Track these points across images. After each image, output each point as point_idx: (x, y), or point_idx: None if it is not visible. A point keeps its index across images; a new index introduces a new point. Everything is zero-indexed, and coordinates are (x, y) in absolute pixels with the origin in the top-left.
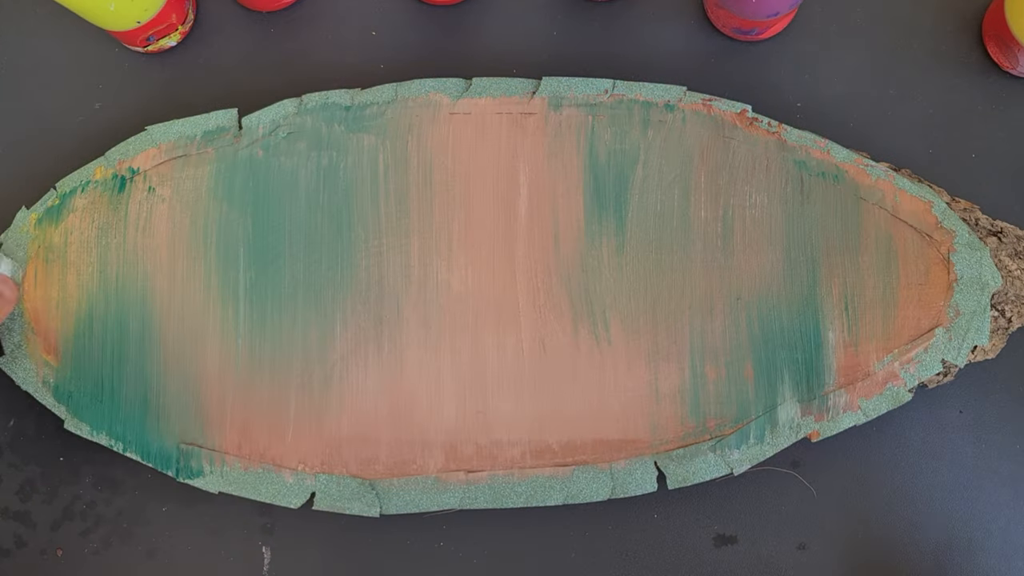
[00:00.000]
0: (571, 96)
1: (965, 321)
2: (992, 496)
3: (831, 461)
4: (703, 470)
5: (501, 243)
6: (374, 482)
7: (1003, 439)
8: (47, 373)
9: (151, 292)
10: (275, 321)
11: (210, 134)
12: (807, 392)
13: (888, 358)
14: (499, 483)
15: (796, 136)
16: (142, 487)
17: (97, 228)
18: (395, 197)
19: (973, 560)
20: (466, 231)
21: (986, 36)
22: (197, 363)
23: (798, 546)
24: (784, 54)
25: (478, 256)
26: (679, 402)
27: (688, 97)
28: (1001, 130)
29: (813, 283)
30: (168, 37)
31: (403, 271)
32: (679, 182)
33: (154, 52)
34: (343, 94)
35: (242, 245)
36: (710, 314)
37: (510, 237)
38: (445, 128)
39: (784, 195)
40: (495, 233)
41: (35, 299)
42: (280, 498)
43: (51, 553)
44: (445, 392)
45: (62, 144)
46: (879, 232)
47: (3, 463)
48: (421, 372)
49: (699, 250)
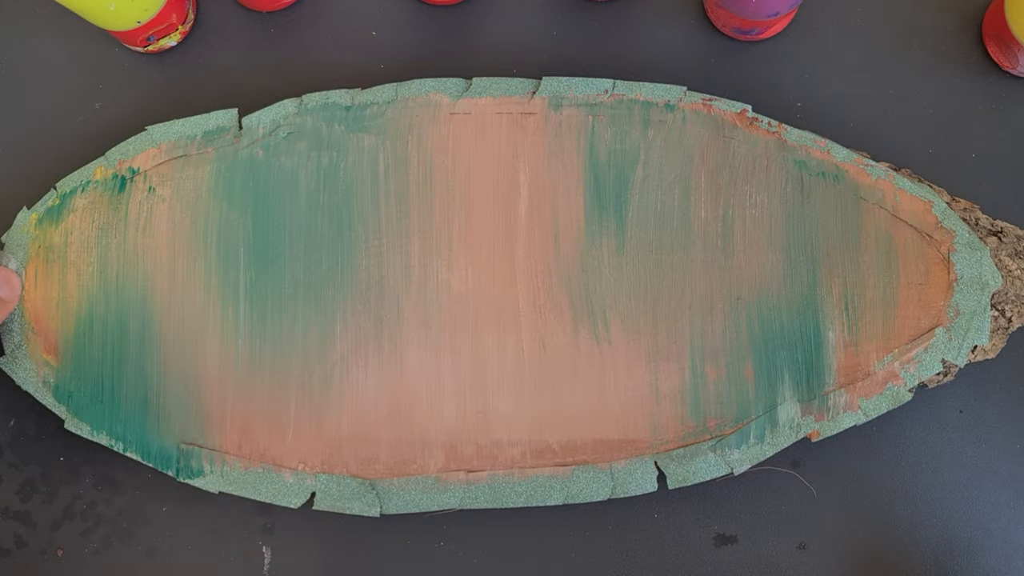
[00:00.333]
0: (571, 96)
1: (965, 321)
2: (992, 496)
3: (831, 461)
4: (703, 470)
5: (501, 243)
6: (374, 482)
7: (1003, 439)
8: (47, 373)
9: (151, 292)
10: (275, 321)
11: (210, 134)
12: (807, 392)
13: (888, 358)
14: (499, 483)
15: (796, 136)
16: (142, 487)
17: (97, 228)
18: (395, 197)
19: (973, 560)
20: (466, 231)
21: (986, 36)
22: (197, 363)
23: (798, 546)
24: (784, 54)
25: (478, 256)
26: (679, 402)
27: (688, 97)
28: (1001, 130)
29: (813, 283)
30: (168, 37)
31: (403, 271)
32: (679, 182)
33: (154, 52)
34: (343, 94)
35: (242, 245)
36: (710, 314)
37: (510, 237)
38: (445, 128)
39: (784, 195)
40: (495, 233)
41: (35, 299)
42: (280, 498)
43: (51, 553)
44: (445, 392)
45: (62, 144)
46: (879, 232)
47: (3, 463)
48: (421, 372)
49: (699, 250)
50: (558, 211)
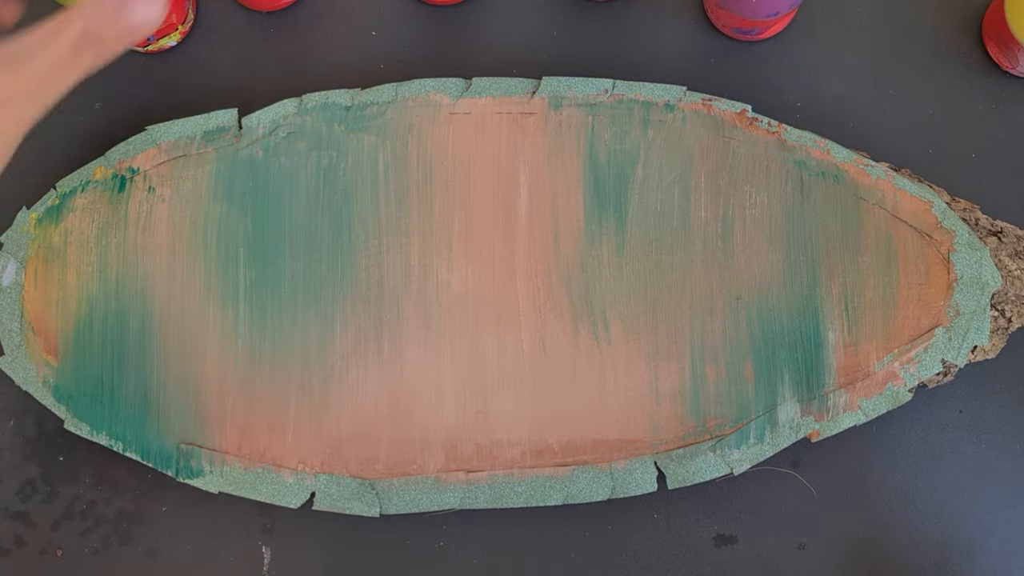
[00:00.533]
0: (571, 96)
1: (965, 321)
2: (992, 496)
3: (831, 461)
4: (703, 470)
5: (501, 243)
6: (374, 482)
7: (1003, 439)
8: (47, 373)
9: (151, 292)
10: (275, 321)
11: (210, 134)
12: (807, 392)
13: (888, 358)
14: (499, 483)
15: (796, 136)
16: (142, 487)
17: (97, 228)
18: (395, 197)
19: (973, 560)
20: (466, 231)
21: (986, 36)
22: (197, 363)
23: (798, 546)
24: (784, 54)
25: (478, 256)
26: (679, 402)
27: (688, 97)
28: (1001, 130)
29: (813, 283)
30: (168, 37)
31: (403, 271)
32: (679, 182)
33: (154, 52)
34: (343, 94)
35: (242, 245)
36: (710, 314)
37: (510, 237)
38: (445, 128)
39: (784, 195)
40: (495, 233)
41: (35, 299)
42: (280, 498)
43: (51, 553)
44: (445, 392)
45: (62, 144)
46: (879, 232)
47: (3, 463)
48: (421, 372)
49: (699, 250)
50: (558, 211)
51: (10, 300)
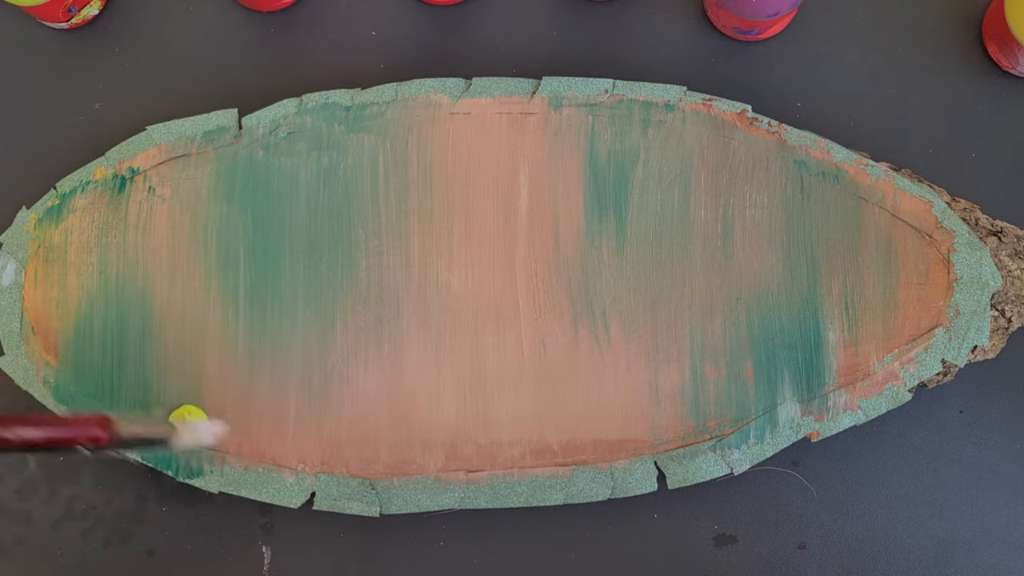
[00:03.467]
0: (571, 96)
1: (965, 321)
2: (992, 496)
3: (831, 461)
4: (703, 470)
5: (501, 243)
6: (374, 482)
7: (1003, 439)
8: (47, 373)
9: (151, 292)
10: (275, 321)
11: (210, 134)
12: (807, 392)
13: (888, 358)
14: (499, 483)
15: (796, 136)
16: (142, 487)
17: (97, 228)
18: (395, 197)
19: (973, 560)
20: (466, 231)
21: (986, 36)
22: (197, 363)
23: (798, 546)
24: (784, 54)
25: (478, 256)
26: (679, 402)
27: (688, 97)
28: (1001, 130)
29: (813, 283)
30: (89, 6)
31: (403, 271)
32: (679, 182)
33: (78, 24)
34: (343, 94)
35: (242, 245)
36: (710, 314)
37: (510, 237)
38: (445, 128)
39: (784, 195)
40: (495, 233)
41: (35, 299)
42: (280, 498)
43: (51, 553)
44: (445, 392)
45: (62, 144)
46: (879, 232)
47: (3, 463)
48: (421, 372)
49: (699, 250)
50: (558, 211)
51: (10, 300)
